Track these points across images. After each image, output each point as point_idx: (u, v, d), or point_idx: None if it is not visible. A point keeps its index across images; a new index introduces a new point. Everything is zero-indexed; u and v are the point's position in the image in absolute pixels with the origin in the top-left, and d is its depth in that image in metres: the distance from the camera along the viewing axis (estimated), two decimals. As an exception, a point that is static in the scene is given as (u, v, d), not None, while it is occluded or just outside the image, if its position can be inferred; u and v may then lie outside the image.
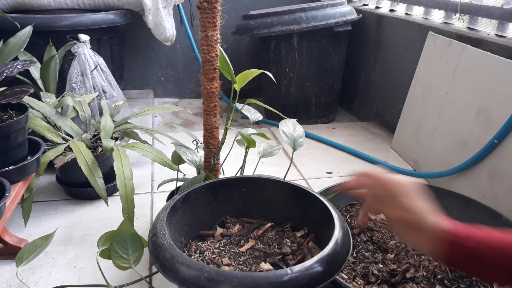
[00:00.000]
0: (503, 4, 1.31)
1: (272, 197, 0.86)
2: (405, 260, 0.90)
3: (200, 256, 0.77)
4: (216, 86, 0.91)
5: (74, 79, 1.47)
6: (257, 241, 0.82)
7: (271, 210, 0.87)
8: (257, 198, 0.87)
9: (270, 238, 0.82)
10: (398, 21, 1.82)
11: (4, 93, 0.97)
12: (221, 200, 0.87)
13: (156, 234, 0.67)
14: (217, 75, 0.91)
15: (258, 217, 0.88)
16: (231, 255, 0.77)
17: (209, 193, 0.85)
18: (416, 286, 0.83)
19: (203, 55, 0.87)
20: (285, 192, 0.84)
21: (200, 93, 0.93)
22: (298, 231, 0.84)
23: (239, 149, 1.23)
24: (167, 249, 0.63)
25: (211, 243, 0.81)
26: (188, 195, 0.81)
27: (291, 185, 0.83)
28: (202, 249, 0.79)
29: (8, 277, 0.97)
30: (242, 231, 0.85)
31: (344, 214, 1.08)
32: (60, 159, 1.15)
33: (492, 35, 1.36)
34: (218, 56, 0.88)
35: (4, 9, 1.74)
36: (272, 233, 0.84)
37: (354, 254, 0.93)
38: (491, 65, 1.24)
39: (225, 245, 0.80)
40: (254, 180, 0.88)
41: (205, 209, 0.85)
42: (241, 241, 0.82)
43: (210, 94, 0.91)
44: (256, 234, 0.83)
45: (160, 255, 0.63)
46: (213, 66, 0.88)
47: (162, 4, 1.86)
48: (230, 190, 0.87)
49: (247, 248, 0.79)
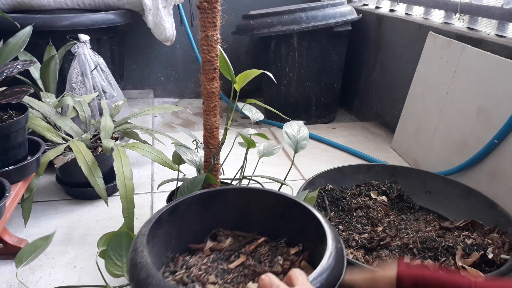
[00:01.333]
0: (503, 4, 1.31)
1: (268, 210, 0.81)
2: (391, 233, 1.01)
3: (186, 272, 0.72)
4: (216, 86, 0.91)
5: (74, 79, 1.47)
6: (248, 257, 0.76)
7: (266, 223, 0.81)
8: (252, 210, 0.82)
9: (262, 254, 0.77)
10: (398, 21, 1.82)
11: (4, 93, 0.97)
12: (213, 211, 0.81)
13: (135, 251, 0.63)
14: (217, 75, 0.90)
15: (253, 230, 0.82)
16: (218, 272, 0.72)
17: (201, 204, 0.80)
18: (389, 253, 0.94)
19: (203, 55, 0.87)
20: (280, 205, 0.79)
21: (200, 93, 0.92)
22: (293, 247, 0.78)
23: (239, 149, 1.23)
24: (142, 268, 0.59)
25: (200, 258, 0.76)
26: (176, 207, 0.76)
27: (287, 198, 0.78)
28: (189, 264, 0.74)
29: (8, 277, 0.97)
30: (234, 245, 0.79)
31: (349, 194, 1.18)
32: (60, 159, 1.15)
33: (492, 35, 1.36)
34: (218, 56, 0.88)
35: (4, 9, 1.74)
36: (265, 248, 0.78)
37: (347, 225, 1.05)
38: (491, 65, 1.24)
39: (214, 260, 0.75)
40: (248, 190, 0.82)
41: (196, 221, 0.80)
42: (232, 256, 0.77)
43: (210, 94, 0.91)
44: (247, 250, 0.78)
45: (136, 274, 0.59)
46: (213, 66, 0.88)
47: (162, 4, 1.85)
48: (223, 201, 0.81)
49: (236, 264, 0.74)
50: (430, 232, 1.00)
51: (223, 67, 0.92)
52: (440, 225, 1.05)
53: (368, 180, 1.27)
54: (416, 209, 1.17)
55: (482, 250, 0.90)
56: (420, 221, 1.09)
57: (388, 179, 1.27)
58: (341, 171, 1.27)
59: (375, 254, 0.95)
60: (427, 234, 0.99)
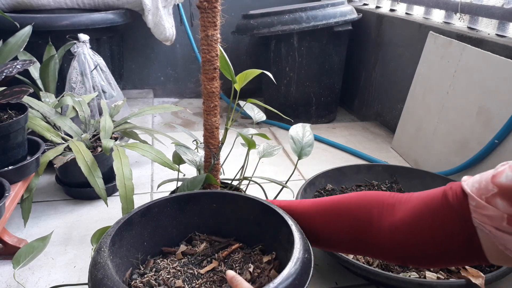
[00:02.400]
0: (504, 4, 1.31)
1: (244, 216, 0.79)
2: None
3: (154, 275, 0.71)
4: (216, 86, 0.90)
5: (73, 79, 1.46)
6: (220, 263, 0.75)
7: (243, 229, 0.80)
8: (229, 215, 0.80)
9: (235, 261, 0.75)
10: (398, 20, 1.82)
11: (4, 93, 0.97)
12: (189, 215, 0.80)
13: (98, 251, 0.63)
14: (217, 75, 0.90)
15: (229, 235, 0.81)
16: (187, 276, 0.71)
17: (176, 207, 0.78)
18: None
19: (203, 54, 0.87)
20: (256, 211, 0.77)
21: (200, 93, 0.92)
22: (268, 254, 0.76)
23: (239, 149, 1.22)
24: (100, 269, 0.59)
25: (171, 261, 0.75)
26: (149, 208, 0.75)
27: (262, 204, 0.76)
28: (159, 267, 0.73)
29: (7, 277, 0.96)
30: (207, 250, 0.78)
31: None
32: (59, 159, 1.15)
33: (493, 35, 1.36)
34: (218, 55, 0.88)
35: (3, 9, 1.74)
36: (239, 255, 0.77)
37: None
38: (491, 65, 1.24)
39: (185, 264, 0.74)
40: (223, 195, 0.81)
41: (171, 224, 0.79)
42: (204, 261, 0.76)
43: (210, 94, 0.91)
44: (221, 255, 0.76)
45: (94, 274, 0.59)
46: (213, 66, 0.88)
47: (161, 4, 1.85)
48: (200, 205, 0.80)
49: (207, 270, 0.73)
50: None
51: (224, 67, 0.91)
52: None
53: (368, 180, 1.27)
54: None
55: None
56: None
57: (388, 179, 1.27)
58: (341, 171, 1.27)
59: (375, 254, 0.95)
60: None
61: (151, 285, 0.68)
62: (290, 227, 0.67)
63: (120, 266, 0.68)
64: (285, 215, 0.71)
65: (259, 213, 0.76)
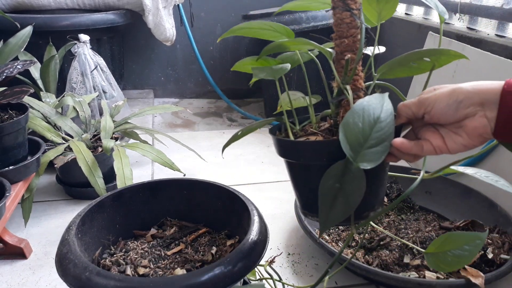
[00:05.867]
0: (503, 4, 1.31)
1: (212, 202, 0.84)
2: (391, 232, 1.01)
3: (123, 255, 0.76)
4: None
5: (74, 79, 1.47)
6: (187, 246, 0.80)
7: (212, 215, 0.85)
8: (198, 201, 0.85)
9: (201, 244, 0.81)
10: (398, 21, 1.82)
11: (4, 93, 0.97)
12: (161, 200, 0.85)
13: (68, 229, 0.68)
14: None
15: (199, 221, 0.87)
16: (154, 257, 0.76)
17: (147, 193, 0.83)
18: (389, 253, 0.95)
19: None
20: (223, 197, 0.82)
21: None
22: (231, 239, 0.81)
23: (239, 149, 1.23)
24: (66, 244, 0.64)
25: (141, 243, 0.80)
26: (120, 193, 0.80)
27: (229, 191, 0.81)
28: (129, 248, 0.78)
29: (8, 277, 0.97)
30: (176, 234, 0.83)
31: None
32: (60, 159, 1.15)
33: (492, 35, 1.36)
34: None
35: (4, 9, 1.74)
36: (206, 239, 0.82)
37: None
38: (491, 65, 1.24)
39: (153, 246, 0.79)
40: (192, 182, 0.85)
41: (143, 209, 0.84)
42: (172, 244, 0.80)
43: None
44: (188, 239, 0.81)
45: (60, 249, 0.64)
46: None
47: (162, 4, 1.86)
48: (170, 192, 0.85)
49: (174, 251, 0.78)
50: (430, 232, 1.00)
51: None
52: (440, 225, 1.05)
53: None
54: (416, 209, 1.17)
55: (482, 250, 0.90)
56: (420, 221, 1.09)
57: (388, 179, 1.27)
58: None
59: (375, 254, 0.95)
60: (427, 234, 0.99)
61: (119, 264, 0.73)
62: (250, 212, 0.73)
63: (90, 245, 0.74)
64: (247, 201, 0.77)
65: (226, 200, 0.81)
